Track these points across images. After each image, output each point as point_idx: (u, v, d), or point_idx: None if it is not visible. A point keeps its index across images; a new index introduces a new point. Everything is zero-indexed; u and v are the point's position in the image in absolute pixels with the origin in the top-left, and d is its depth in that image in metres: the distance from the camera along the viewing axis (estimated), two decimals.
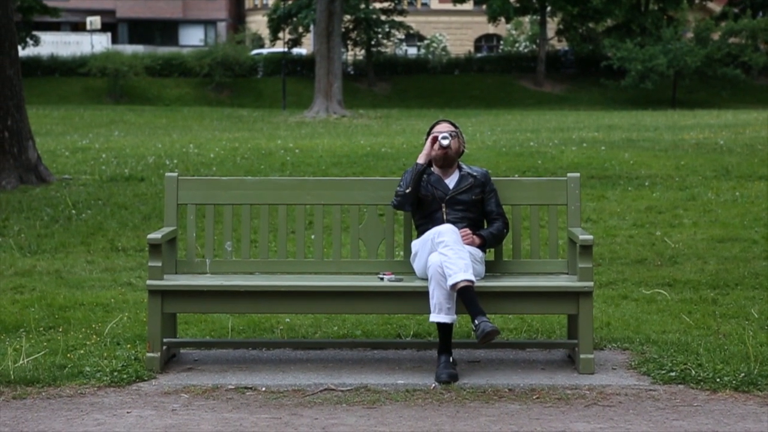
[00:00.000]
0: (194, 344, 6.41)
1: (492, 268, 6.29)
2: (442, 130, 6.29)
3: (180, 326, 6.77)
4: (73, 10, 56.18)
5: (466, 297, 5.71)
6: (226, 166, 16.07)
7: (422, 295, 5.86)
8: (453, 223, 6.07)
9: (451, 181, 6.24)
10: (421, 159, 6.23)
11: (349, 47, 49.56)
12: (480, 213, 6.24)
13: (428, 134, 6.34)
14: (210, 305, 6.00)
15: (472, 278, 5.73)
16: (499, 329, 5.70)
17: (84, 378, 5.75)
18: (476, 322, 5.66)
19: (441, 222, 6.10)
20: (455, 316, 5.81)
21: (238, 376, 5.83)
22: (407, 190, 6.17)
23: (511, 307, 6.07)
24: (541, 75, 48.64)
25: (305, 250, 6.58)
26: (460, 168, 6.31)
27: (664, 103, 44.59)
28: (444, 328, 5.86)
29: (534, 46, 52.54)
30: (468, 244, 6.02)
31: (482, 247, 6.14)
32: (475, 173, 6.27)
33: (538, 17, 49.71)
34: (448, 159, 6.25)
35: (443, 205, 6.16)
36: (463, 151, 6.38)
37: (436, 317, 5.78)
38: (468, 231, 6.10)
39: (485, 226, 6.28)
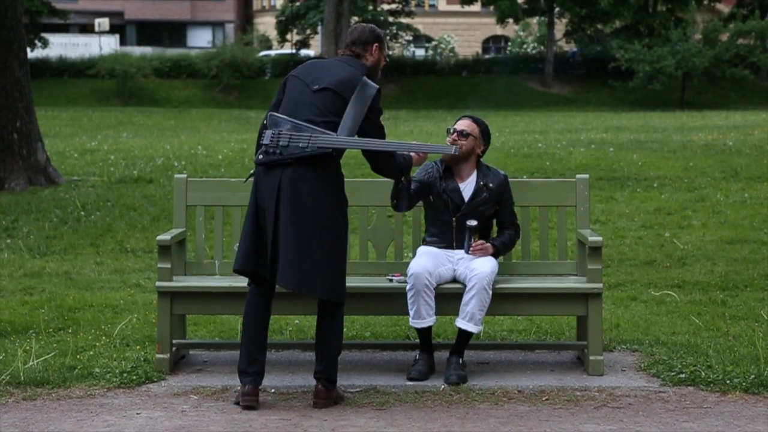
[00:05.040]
0: (203, 345, 6.42)
1: (501, 270, 6.26)
2: (459, 126, 6.07)
3: (189, 327, 6.78)
4: (81, 12, 56.27)
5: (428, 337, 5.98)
6: (235, 168, 16.07)
7: None
8: (464, 234, 6.00)
9: (468, 190, 6.03)
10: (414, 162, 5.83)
11: None
12: (492, 221, 6.18)
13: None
14: (219, 306, 6.02)
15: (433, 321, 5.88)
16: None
17: (94, 379, 5.76)
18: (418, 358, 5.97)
19: (450, 235, 6.02)
20: (481, 327, 5.85)
21: None
22: (394, 201, 5.94)
23: (520, 309, 6.07)
24: (549, 76, 48.56)
25: None
26: (479, 169, 6.10)
27: (673, 104, 44.50)
28: (462, 332, 5.84)
29: (542, 48, 52.47)
30: (481, 255, 5.98)
31: (494, 256, 6.06)
32: (491, 184, 6.04)
33: (546, 18, 49.67)
34: (455, 158, 6.04)
35: (454, 219, 6.03)
36: (480, 153, 6.12)
37: (463, 323, 5.80)
38: (482, 243, 6.00)
39: (494, 225, 6.24)
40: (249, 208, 5.36)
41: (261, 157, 5.28)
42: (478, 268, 5.81)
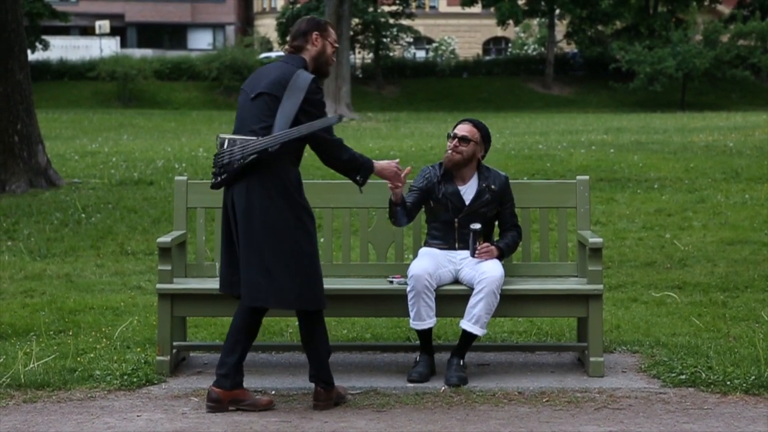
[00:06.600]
0: (204, 348, 6.42)
1: None
2: (460, 131, 6.05)
3: (189, 329, 6.78)
4: (82, 15, 56.31)
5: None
6: None
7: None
8: (466, 235, 6.01)
9: (469, 194, 6.03)
10: (393, 197, 5.91)
11: (357, 50, 49.57)
12: (494, 222, 6.18)
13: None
14: (219, 308, 6.01)
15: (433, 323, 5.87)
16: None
17: (94, 381, 5.76)
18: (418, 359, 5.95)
19: (453, 237, 6.03)
20: (486, 330, 5.84)
21: (248, 380, 5.82)
22: (392, 219, 5.99)
23: (521, 310, 6.06)
24: (549, 78, 48.61)
25: None
26: (479, 171, 6.10)
27: (673, 105, 44.52)
28: (465, 334, 5.84)
29: (542, 49, 52.49)
30: (487, 257, 5.97)
31: (499, 258, 6.04)
32: (494, 186, 6.04)
33: (547, 20, 49.69)
34: (456, 164, 6.06)
35: (456, 220, 6.04)
36: (480, 157, 6.10)
37: (468, 325, 5.79)
38: (487, 245, 6.00)
39: (495, 225, 6.24)
40: (221, 230, 5.45)
41: (212, 182, 5.32)
42: (488, 271, 5.79)
